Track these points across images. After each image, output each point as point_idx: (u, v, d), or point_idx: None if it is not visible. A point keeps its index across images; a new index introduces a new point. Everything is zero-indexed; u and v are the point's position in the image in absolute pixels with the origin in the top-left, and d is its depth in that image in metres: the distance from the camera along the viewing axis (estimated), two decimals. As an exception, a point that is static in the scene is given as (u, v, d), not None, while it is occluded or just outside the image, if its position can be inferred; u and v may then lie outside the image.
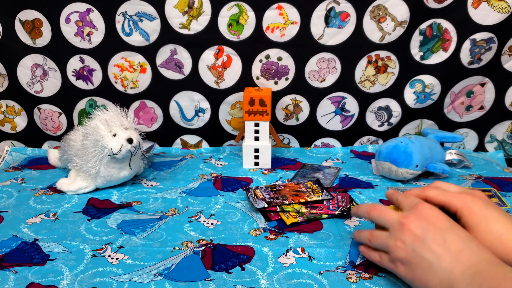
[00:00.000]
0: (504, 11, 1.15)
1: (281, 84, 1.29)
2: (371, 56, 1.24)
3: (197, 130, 1.36)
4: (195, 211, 0.97)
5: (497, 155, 1.31)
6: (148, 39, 1.24)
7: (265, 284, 0.72)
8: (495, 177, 1.12)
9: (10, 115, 1.37)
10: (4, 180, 1.14)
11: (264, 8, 1.19)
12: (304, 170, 1.18)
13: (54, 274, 0.74)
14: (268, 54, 1.25)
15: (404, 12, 1.18)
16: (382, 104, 1.31)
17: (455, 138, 1.22)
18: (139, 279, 0.73)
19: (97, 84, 1.30)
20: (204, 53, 1.25)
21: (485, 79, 1.26)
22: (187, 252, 0.81)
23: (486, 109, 1.30)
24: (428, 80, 1.26)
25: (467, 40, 1.20)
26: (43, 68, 1.29)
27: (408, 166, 1.06)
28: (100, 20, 1.22)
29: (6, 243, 0.84)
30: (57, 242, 0.84)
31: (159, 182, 1.12)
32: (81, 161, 1.03)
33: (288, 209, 0.93)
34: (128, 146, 1.00)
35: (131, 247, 0.82)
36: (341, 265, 0.77)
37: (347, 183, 1.11)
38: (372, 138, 1.36)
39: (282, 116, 1.34)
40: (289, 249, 0.81)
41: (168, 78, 1.29)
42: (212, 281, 0.73)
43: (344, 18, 1.19)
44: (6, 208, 0.98)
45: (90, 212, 0.97)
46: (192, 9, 1.20)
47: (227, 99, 1.31)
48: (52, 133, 1.38)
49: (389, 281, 0.72)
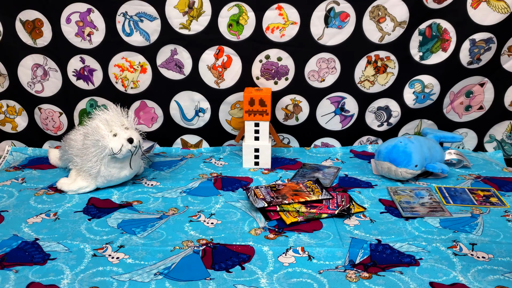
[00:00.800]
0: (504, 12, 1.15)
1: (281, 84, 1.29)
2: (371, 56, 1.24)
3: (197, 130, 1.36)
4: (195, 210, 0.97)
5: (496, 155, 1.31)
6: (149, 39, 1.24)
7: (265, 283, 0.72)
8: (494, 177, 1.13)
9: (10, 115, 1.38)
10: (5, 179, 1.14)
11: (264, 8, 1.20)
12: (303, 170, 1.18)
13: (55, 274, 0.75)
14: (268, 54, 1.25)
15: (404, 12, 1.18)
16: (381, 104, 1.31)
17: (454, 138, 1.23)
18: (140, 278, 0.73)
19: (98, 84, 1.31)
20: (204, 53, 1.25)
21: (485, 79, 1.26)
22: (187, 251, 0.81)
23: (486, 109, 1.30)
24: (427, 80, 1.26)
25: (466, 40, 1.20)
26: (44, 68, 1.29)
27: (408, 165, 1.06)
28: (100, 20, 1.22)
29: (7, 242, 0.84)
30: (58, 242, 0.84)
31: (160, 181, 1.13)
32: (81, 161, 1.03)
33: (288, 208, 0.93)
34: (128, 146, 1.00)
35: (131, 246, 0.83)
36: (341, 264, 0.77)
37: (346, 183, 1.11)
38: (372, 138, 1.36)
39: (282, 116, 1.34)
40: (289, 248, 0.82)
41: (169, 78, 1.29)
42: (212, 280, 0.73)
43: (343, 19, 1.20)
44: (7, 207, 0.99)
45: (90, 211, 0.97)
46: (192, 10, 1.20)
47: (227, 99, 1.31)
48: (53, 133, 1.38)
49: (389, 280, 0.73)
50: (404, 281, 0.72)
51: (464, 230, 0.88)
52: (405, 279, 0.73)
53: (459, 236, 0.86)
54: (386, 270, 0.75)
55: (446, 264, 0.77)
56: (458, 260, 0.78)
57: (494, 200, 0.99)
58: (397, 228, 0.89)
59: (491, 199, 1.00)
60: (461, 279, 0.73)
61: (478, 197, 1.01)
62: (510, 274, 0.74)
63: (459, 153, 1.19)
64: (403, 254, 0.80)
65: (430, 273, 0.75)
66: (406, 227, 0.90)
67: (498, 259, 0.78)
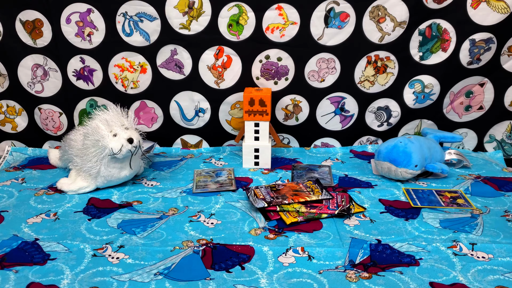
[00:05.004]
0: (503, 12, 1.15)
1: (281, 84, 1.29)
2: (371, 57, 1.24)
3: (197, 130, 1.36)
4: (195, 210, 0.97)
5: (496, 155, 1.31)
6: (149, 39, 1.24)
7: (265, 283, 0.72)
8: (494, 177, 1.13)
9: (10, 115, 1.38)
10: (5, 180, 1.14)
11: (264, 8, 1.20)
12: (296, 171, 1.18)
13: (55, 274, 0.75)
14: (268, 54, 1.25)
15: (404, 12, 1.18)
16: (381, 104, 1.31)
17: (454, 138, 1.23)
18: (140, 278, 0.73)
19: (98, 84, 1.31)
20: (204, 53, 1.25)
21: (484, 79, 1.26)
22: (187, 251, 0.81)
23: (485, 109, 1.30)
24: (427, 80, 1.26)
25: (466, 41, 1.20)
26: (44, 68, 1.29)
27: (408, 165, 1.06)
28: (100, 21, 1.22)
29: (7, 242, 0.84)
30: (58, 242, 0.84)
31: (160, 181, 1.13)
32: (81, 161, 1.03)
33: (288, 208, 0.93)
34: (128, 146, 1.00)
35: (131, 246, 0.83)
36: (341, 265, 0.77)
37: (346, 183, 1.11)
38: (372, 138, 1.37)
39: (282, 116, 1.34)
40: (289, 248, 0.82)
41: (169, 78, 1.29)
42: (212, 280, 0.73)
43: (343, 19, 1.20)
44: (6, 207, 0.99)
45: (90, 211, 0.97)
46: (192, 10, 1.20)
47: (227, 99, 1.31)
48: (53, 133, 1.38)
49: (389, 280, 0.73)
50: (404, 281, 0.72)
51: (464, 230, 0.88)
52: (405, 279, 0.73)
53: (459, 236, 0.86)
54: (386, 270, 0.75)
55: (446, 264, 0.77)
56: (458, 260, 0.78)
57: (461, 202, 0.99)
58: (397, 228, 0.89)
59: (458, 201, 1.00)
60: (461, 279, 0.73)
61: (445, 199, 1.01)
62: (510, 274, 0.74)
63: (459, 153, 1.19)
64: (403, 254, 0.80)
65: (430, 273, 0.75)
66: (406, 227, 0.90)
67: (498, 259, 0.78)
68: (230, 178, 1.13)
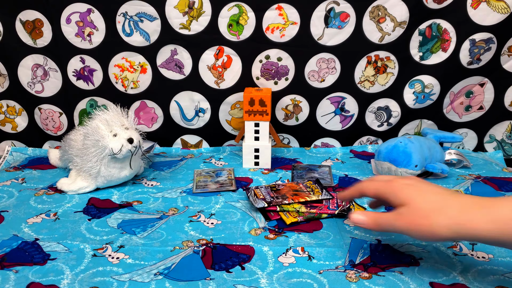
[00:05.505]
0: (504, 12, 1.15)
1: (281, 84, 1.29)
2: (371, 57, 1.24)
3: (197, 130, 1.37)
4: (195, 210, 0.97)
5: (497, 155, 1.31)
6: (149, 39, 1.24)
7: (265, 283, 0.72)
8: (494, 177, 1.13)
9: (10, 115, 1.38)
10: (5, 180, 1.14)
11: (264, 8, 1.20)
12: (296, 171, 1.18)
13: (55, 274, 0.75)
14: (268, 54, 1.25)
15: (404, 12, 1.18)
16: (381, 104, 1.31)
17: (454, 138, 1.23)
18: (140, 278, 0.73)
19: (98, 84, 1.31)
20: (204, 53, 1.25)
21: (485, 79, 1.26)
22: (187, 251, 0.81)
23: (486, 109, 1.30)
24: (427, 80, 1.26)
25: (466, 41, 1.20)
26: (44, 68, 1.29)
27: (408, 166, 1.06)
28: (100, 21, 1.23)
29: (7, 242, 0.84)
30: (58, 242, 0.84)
31: (160, 182, 1.13)
32: (81, 161, 1.03)
33: (288, 208, 0.93)
34: (128, 146, 1.00)
35: (131, 246, 0.83)
36: (341, 265, 0.77)
37: (346, 183, 1.11)
38: (372, 138, 1.37)
39: (282, 116, 1.34)
40: (289, 248, 0.82)
41: (169, 78, 1.29)
42: (212, 281, 0.73)
43: (343, 19, 1.20)
44: (6, 207, 0.99)
45: (90, 211, 0.97)
46: (192, 10, 1.20)
47: (227, 99, 1.31)
48: (53, 133, 1.38)
49: (389, 280, 0.73)
50: (404, 281, 0.72)
51: (464, 230, 0.88)
52: (405, 279, 0.73)
53: (459, 236, 0.86)
54: (386, 270, 0.75)
55: (446, 264, 0.77)
56: (458, 260, 0.78)
57: None
58: (397, 228, 0.89)
59: None
60: (461, 279, 0.73)
61: None
62: (510, 274, 0.74)
63: (459, 153, 1.19)
64: (403, 254, 0.80)
65: (430, 273, 0.75)
66: (406, 227, 0.90)
67: (498, 259, 0.78)
68: (230, 178, 1.13)
